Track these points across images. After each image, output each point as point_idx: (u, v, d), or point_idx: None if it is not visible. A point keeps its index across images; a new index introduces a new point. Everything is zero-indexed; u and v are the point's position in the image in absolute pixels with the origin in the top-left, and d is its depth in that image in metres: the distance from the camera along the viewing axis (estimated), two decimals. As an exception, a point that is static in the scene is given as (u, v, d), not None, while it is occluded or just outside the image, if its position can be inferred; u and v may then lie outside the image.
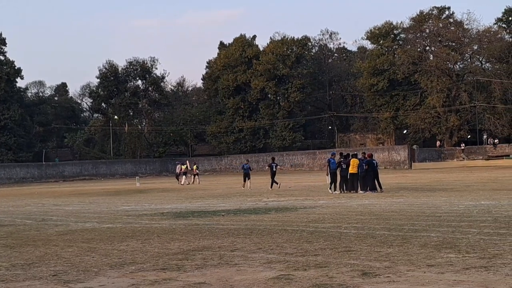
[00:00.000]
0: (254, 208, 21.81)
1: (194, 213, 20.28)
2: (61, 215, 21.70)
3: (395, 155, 74.67)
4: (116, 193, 38.55)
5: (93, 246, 12.68)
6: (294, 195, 28.65)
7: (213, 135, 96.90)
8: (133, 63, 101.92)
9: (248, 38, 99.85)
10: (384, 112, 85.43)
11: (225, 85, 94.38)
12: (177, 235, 14.21)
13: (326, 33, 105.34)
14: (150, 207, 24.58)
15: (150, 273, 9.29)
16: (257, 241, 12.46)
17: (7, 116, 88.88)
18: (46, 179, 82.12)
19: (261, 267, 9.46)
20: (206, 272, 9.22)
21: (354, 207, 20.38)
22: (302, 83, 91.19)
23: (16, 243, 13.80)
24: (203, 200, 28.09)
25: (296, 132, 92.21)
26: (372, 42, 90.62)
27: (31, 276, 9.44)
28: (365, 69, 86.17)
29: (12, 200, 34.56)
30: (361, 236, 12.69)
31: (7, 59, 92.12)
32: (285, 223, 16.01)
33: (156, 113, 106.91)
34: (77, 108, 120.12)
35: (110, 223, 17.79)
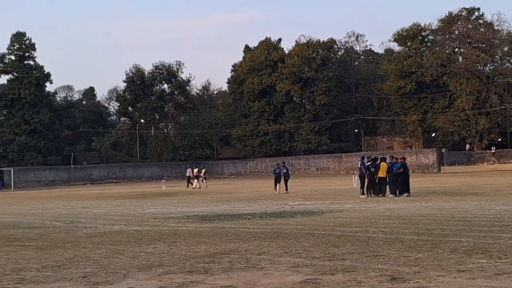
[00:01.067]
0: (280, 211, 21.77)
1: (220, 216, 20.30)
2: (89, 218, 21.88)
3: (423, 158, 73.98)
4: (142, 196, 38.75)
5: (121, 249, 12.76)
6: (320, 199, 28.54)
7: (238, 139, 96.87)
8: (159, 67, 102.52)
9: (274, 41, 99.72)
10: (411, 115, 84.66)
11: (250, 88, 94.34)
12: (203, 238, 14.24)
13: (352, 35, 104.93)
14: (177, 210, 24.66)
15: (177, 276, 9.32)
16: (284, 245, 12.43)
17: (37, 120, 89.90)
18: (74, 182, 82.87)
19: (288, 271, 9.44)
20: (233, 275, 9.22)
21: (382, 211, 20.24)
22: (328, 86, 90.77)
23: (46, 245, 13.95)
24: (229, 203, 28.11)
25: (322, 135, 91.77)
26: (399, 44, 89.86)
27: (61, 277, 9.54)
28: (392, 71, 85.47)
29: (41, 203, 34.89)
30: (390, 240, 12.59)
31: (36, 64, 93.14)
32: (312, 227, 15.95)
33: (181, 117, 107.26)
34: (104, 112, 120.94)
35: (138, 226, 17.89)
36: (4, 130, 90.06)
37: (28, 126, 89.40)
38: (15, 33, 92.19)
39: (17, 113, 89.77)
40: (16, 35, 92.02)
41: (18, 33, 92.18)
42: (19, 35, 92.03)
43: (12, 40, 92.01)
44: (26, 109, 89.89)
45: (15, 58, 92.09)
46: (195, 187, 48.27)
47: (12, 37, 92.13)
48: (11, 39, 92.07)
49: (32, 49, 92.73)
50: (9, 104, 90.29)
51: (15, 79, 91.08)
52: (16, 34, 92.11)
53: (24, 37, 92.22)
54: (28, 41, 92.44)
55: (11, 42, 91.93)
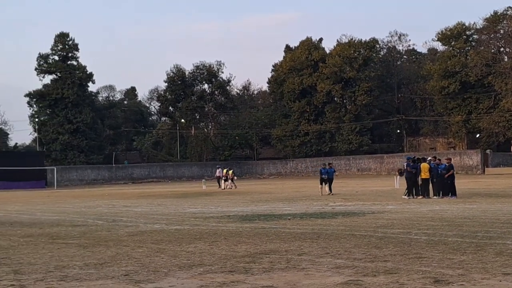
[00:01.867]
0: (321, 212, 21.66)
1: (260, 216, 20.27)
2: (131, 216, 22.06)
3: (467, 159, 72.95)
4: (183, 196, 38.99)
5: (162, 247, 12.82)
6: (361, 200, 28.33)
7: (278, 139, 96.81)
8: (199, 67, 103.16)
9: (315, 40, 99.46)
10: (455, 115, 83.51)
11: (290, 88, 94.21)
12: (244, 238, 14.22)
13: (395, 34, 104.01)
14: (217, 209, 24.72)
15: (218, 275, 9.31)
16: (325, 246, 12.34)
17: (79, 120, 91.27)
18: (115, 181, 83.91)
19: (329, 272, 9.35)
20: (273, 276, 9.17)
21: (425, 213, 19.98)
22: (370, 86, 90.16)
23: (89, 243, 14.09)
24: (269, 203, 28.08)
25: (363, 135, 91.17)
26: (443, 43, 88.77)
27: (103, 275, 9.61)
28: (435, 71, 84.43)
29: (84, 201, 35.34)
30: (433, 242, 12.40)
31: (79, 64, 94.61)
32: (353, 228, 15.82)
33: (222, 117, 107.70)
34: (145, 112, 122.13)
35: (178, 225, 17.96)
36: (47, 130, 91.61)
37: (71, 126, 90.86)
38: (58, 33, 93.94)
39: (60, 113, 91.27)
40: (59, 36, 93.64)
41: (62, 34, 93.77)
42: (62, 36, 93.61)
43: (55, 40, 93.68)
44: (69, 108, 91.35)
45: (59, 58, 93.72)
46: (225, 188, 47.97)
47: (55, 37, 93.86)
48: (54, 39, 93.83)
49: (75, 49, 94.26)
50: (52, 104, 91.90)
51: (59, 79, 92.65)
52: (59, 34, 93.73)
53: (67, 37, 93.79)
54: (71, 42, 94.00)
55: (55, 43, 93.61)
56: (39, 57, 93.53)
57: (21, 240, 15.06)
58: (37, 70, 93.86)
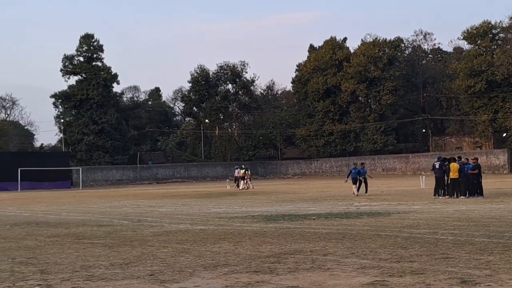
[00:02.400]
0: (346, 212, 21.57)
1: (285, 217, 20.24)
2: (155, 216, 22.14)
3: (493, 159, 72.26)
4: (207, 196, 39.07)
5: (187, 247, 12.85)
6: (386, 200, 28.17)
7: (302, 139, 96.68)
8: (223, 68, 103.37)
9: (339, 40, 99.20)
10: (482, 114, 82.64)
11: (315, 88, 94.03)
12: (268, 238, 14.20)
13: (420, 33, 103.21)
14: (241, 209, 24.72)
15: (243, 275, 9.31)
16: (350, 246, 12.29)
17: (104, 120, 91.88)
18: (140, 181, 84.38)
19: (355, 272, 9.31)
20: (298, 276, 9.15)
21: (451, 213, 19.81)
22: (395, 85, 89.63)
23: (114, 243, 14.17)
24: (293, 203, 28.04)
25: (388, 135, 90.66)
26: (469, 42, 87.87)
27: (129, 275, 9.65)
28: (461, 70, 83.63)
29: (109, 201, 35.55)
30: (459, 243, 12.29)
31: (104, 65, 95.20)
32: (378, 228, 15.73)
33: (246, 117, 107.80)
34: (169, 112, 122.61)
35: (203, 225, 18.00)
36: (73, 130, 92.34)
37: (96, 126, 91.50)
38: (83, 35, 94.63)
39: (85, 114, 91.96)
40: (84, 37, 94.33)
41: (86, 35, 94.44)
42: (87, 37, 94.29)
43: (80, 41, 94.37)
44: (94, 109, 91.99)
45: (84, 59, 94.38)
46: (243, 188, 47.40)
47: (80, 39, 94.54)
48: (79, 40, 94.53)
49: (100, 50, 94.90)
50: (77, 105, 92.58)
51: (84, 80, 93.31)
52: (84, 36, 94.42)
53: (92, 38, 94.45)
54: (96, 43, 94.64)
55: (80, 44, 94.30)
56: (64, 58, 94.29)
57: (47, 240, 15.19)
58: (62, 71, 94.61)
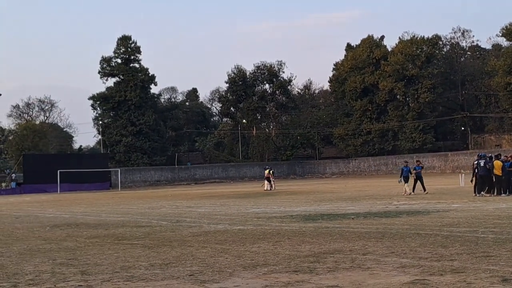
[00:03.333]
0: (385, 211, 21.44)
1: (323, 216, 20.20)
2: (194, 217, 22.26)
3: (533, 156, 71.03)
4: (245, 196, 39.14)
5: (226, 247, 12.91)
6: (426, 198, 27.91)
7: (340, 138, 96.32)
8: (260, 67, 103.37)
9: (376, 38, 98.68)
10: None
11: (352, 87, 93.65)
12: (307, 237, 14.19)
13: (458, 31, 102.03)
14: (279, 209, 24.72)
15: (282, 275, 9.32)
16: (389, 245, 12.22)
17: (142, 122, 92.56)
18: (178, 181, 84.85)
19: (395, 272, 9.26)
20: (338, 275, 9.14)
21: (491, 211, 19.57)
22: (433, 83, 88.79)
23: (153, 243, 14.29)
24: (332, 203, 27.94)
25: (427, 133, 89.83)
26: (507, 39, 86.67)
27: (169, 275, 9.74)
28: (500, 67, 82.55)
29: (147, 202, 35.82)
30: (500, 241, 12.15)
31: (141, 66, 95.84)
32: (418, 226, 15.61)
33: (283, 116, 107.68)
34: (207, 113, 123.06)
35: (241, 225, 18.05)
36: (111, 132, 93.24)
37: (134, 128, 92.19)
38: (121, 36, 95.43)
39: (124, 115, 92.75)
40: (122, 39, 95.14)
41: (124, 37, 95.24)
42: (124, 39, 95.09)
43: (118, 43, 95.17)
44: (132, 111, 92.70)
45: (121, 61, 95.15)
46: (267, 189, 46.66)
47: (118, 40, 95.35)
48: (117, 42, 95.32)
49: (137, 52, 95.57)
50: (115, 106, 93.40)
51: (121, 81, 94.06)
52: (122, 37, 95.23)
53: (129, 40, 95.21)
54: (134, 44, 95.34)
55: (117, 46, 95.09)
56: (102, 60, 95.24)
57: (87, 241, 15.38)
58: (100, 73, 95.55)
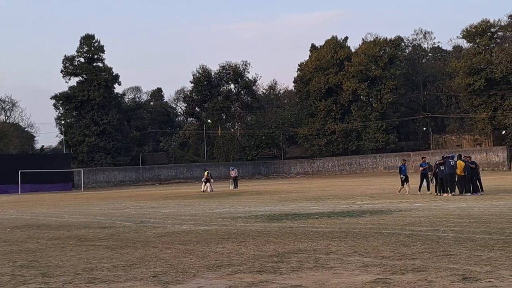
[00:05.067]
0: (348, 211, 21.62)
1: (288, 216, 20.29)
2: (158, 218, 22.18)
3: (493, 156, 72.39)
4: (210, 196, 39.07)
5: (190, 248, 12.90)
6: (388, 198, 28.22)
7: (305, 138, 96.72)
8: (225, 67, 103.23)
9: (340, 39, 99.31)
10: (481, 112, 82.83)
11: (316, 87, 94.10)
12: (272, 237, 14.26)
13: (420, 32, 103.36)
14: (244, 209, 24.76)
15: (246, 275, 9.36)
16: (353, 244, 12.36)
17: (106, 121, 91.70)
18: (143, 182, 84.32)
19: (358, 271, 9.37)
20: (302, 275, 9.21)
21: (452, 210, 19.89)
22: (395, 84, 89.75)
23: (117, 244, 14.21)
24: (296, 202, 28.07)
25: (390, 133, 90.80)
26: (468, 40, 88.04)
27: (132, 277, 9.70)
28: (461, 68, 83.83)
29: (111, 203, 35.55)
30: (460, 239, 12.37)
31: (105, 66, 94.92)
32: (381, 226, 15.80)
33: (248, 117, 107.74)
34: (172, 113, 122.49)
35: (206, 226, 18.04)
36: (74, 132, 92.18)
37: (97, 128, 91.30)
38: (84, 35, 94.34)
39: (87, 115, 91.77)
40: (85, 38, 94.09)
41: (87, 36, 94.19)
42: (88, 38, 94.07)
43: (81, 42, 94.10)
44: (95, 110, 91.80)
45: (84, 60, 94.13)
46: (205, 191, 45.14)
47: (81, 39, 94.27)
48: (80, 41, 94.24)
49: (100, 51, 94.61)
50: (78, 106, 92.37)
51: (84, 81, 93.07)
52: (85, 36, 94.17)
53: (93, 39, 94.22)
54: (97, 44, 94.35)
55: (80, 45, 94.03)
56: (64, 59, 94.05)
57: (48, 243, 15.22)
58: (63, 72, 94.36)
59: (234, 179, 51.23)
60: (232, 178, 51.54)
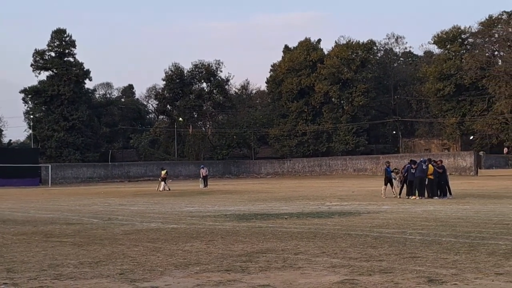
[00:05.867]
0: (317, 211, 21.72)
1: (257, 216, 20.31)
2: (126, 215, 22.06)
3: (460, 161, 73.27)
4: (180, 194, 38.96)
5: (159, 246, 12.85)
6: (357, 200, 28.41)
7: (276, 138, 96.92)
8: (198, 66, 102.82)
9: (313, 41, 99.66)
10: (450, 117, 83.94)
11: (289, 89, 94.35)
12: (240, 237, 14.27)
13: (392, 37, 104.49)
14: (214, 208, 24.73)
15: (214, 274, 9.35)
16: (321, 245, 12.41)
17: (76, 117, 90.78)
18: (111, 179, 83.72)
19: (325, 271, 9.42)
20: (270, 275, 9.22)
21: (419, 213, 20.08)
22: (367, 87, 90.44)
23: (84, 241, 14.09)
24: (266, 202, 28.11)
25: (360, 136, 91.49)
26: (439, 46, 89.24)
27: (98, 274, 9.63)
28: (431, 73, 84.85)
29: (79, 199, 35.28)
30: (427, 242, 12.49)
31: (76, 61, 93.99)
32: (349, 227, 15.89)
33: (220, 116, 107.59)
34: (143, 110, 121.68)
35: (175, 224, 17.98)
36: (42, 127, 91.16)
37: (67, 123, 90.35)
38: (55, 30, 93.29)
39: (56, 110, 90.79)
40: (56, 32, 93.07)
41: (59, 30, 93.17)
42: (59, 32, 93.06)
43: (52, 36, 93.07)
44: (65, 105, 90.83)
45: (55, 54, 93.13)
46: (162, 190, 44.63)
47: (52, 33, 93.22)
48: (51, 35, 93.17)
49: (72, 46, 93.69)
50: (48, 101, 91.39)
51: (55, 75, 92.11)
52: (56, 31, 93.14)
53: (64, 34, 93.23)
54: (68, 38, 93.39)
55: (52, 39, 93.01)
56: (35, 53, 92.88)
57: (14, 238, 15.02)
58: (33, 66, 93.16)
59: (204, 178, 51.19)
60: (202, 177, 51.49)
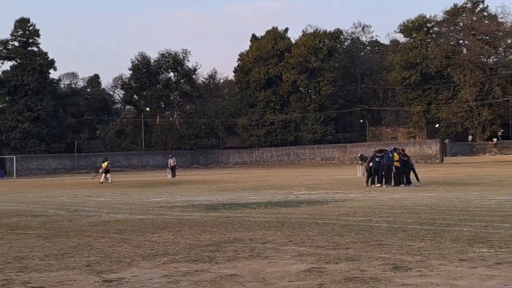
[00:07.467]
0: (285, 201, 21.81)
1: (225, 206, 20.34)
2: (93, 206, 21.92)
3: (426, 149, 74.10)
4: (147, 185, 38.80)
5: (126, 237, 12.80)
6: (324, 189, 28.57)
7: (244, 128, 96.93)
8: (165, 55, 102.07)
9: (280, 30, 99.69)
10: (416, 105, 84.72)
11: (256, 78, 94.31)
12: (208, 227, 14.27)
13: (358, 26, 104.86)
14: (181, 199, 24.70)
15: (182, 265, 9.36)
16: (288, 234, 12.47)
17: (40, 108, 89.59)
18: (78, 170, 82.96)
19: (293, 260, 9.48)
20: (237, 264, 9.26)
21: (385, 201, 20.28)
22: (334, 76, 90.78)
23: (49, 233, 13.97)
24: (234, 192, 28.14)
25: (327, 125, 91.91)
26: (405, 35, 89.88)
27: (64, 266, 9.56)
28: (397, 62, 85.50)
29: (44, 191, 34.94)
30: (393, 230, 12.64)
31: (40, 50, 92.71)
32: (316, 216, 15.99)
33: (187, 106, 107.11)
34: (109, 100, 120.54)
35: (142, 215, 17.93)
36: (6, 117, 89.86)
37: (31, 114, 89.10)
38: (19, 19, 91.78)
39: (20, 100, 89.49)
40: (20, 21, 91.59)
41: (22, 19, 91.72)
42: (23, 21, 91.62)
43: (16, 26, 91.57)
44: (29, 96, 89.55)
45: (19, 44, 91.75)
46: (103, 182, 42.72)
47: (16, 23, 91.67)
48: (15, 25, 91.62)
49: (36, 35, 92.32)
50: (12, 91, 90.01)
51: (19, 65, 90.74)
52: (20, 20, 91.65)
53: (28, 23, 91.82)
54: (32, 27, 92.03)
55: (15, 28, 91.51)
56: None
57: (-21, 231, 14.86)
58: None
59: (172, 168, 51.08)
60: (170, 167, 51.34)
